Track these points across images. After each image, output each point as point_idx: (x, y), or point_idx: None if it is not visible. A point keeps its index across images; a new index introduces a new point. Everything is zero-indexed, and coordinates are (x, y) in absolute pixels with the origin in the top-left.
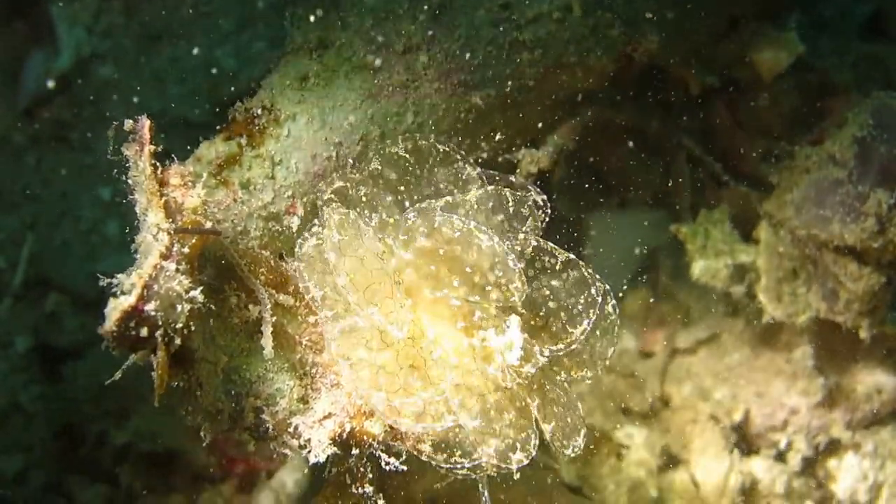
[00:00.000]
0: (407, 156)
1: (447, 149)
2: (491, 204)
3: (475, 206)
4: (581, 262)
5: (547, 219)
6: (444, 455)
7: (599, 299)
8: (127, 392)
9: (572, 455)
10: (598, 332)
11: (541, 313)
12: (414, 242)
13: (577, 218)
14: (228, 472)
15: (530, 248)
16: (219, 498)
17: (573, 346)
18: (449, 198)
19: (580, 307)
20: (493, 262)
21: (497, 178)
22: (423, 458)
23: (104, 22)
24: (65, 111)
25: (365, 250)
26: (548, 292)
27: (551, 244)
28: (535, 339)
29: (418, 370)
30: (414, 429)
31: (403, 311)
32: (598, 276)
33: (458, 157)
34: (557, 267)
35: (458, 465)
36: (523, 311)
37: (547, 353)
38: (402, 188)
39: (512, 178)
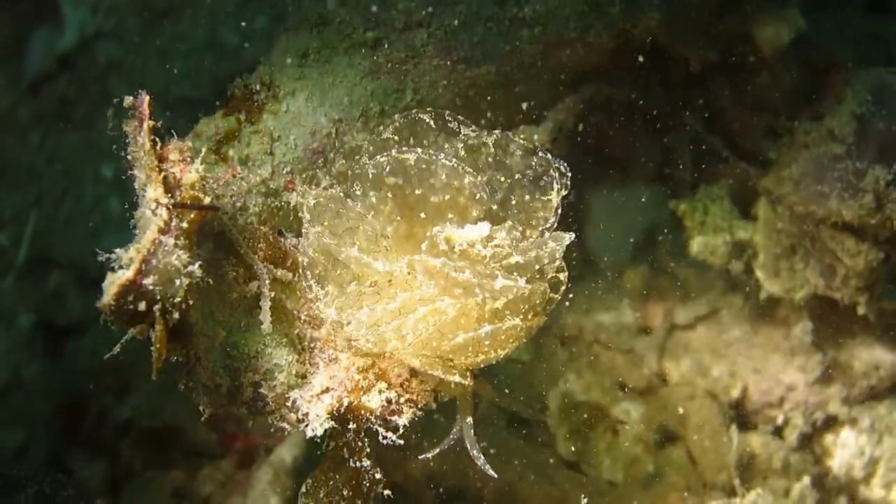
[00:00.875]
0: (397, 137)
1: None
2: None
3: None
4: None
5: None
6: None
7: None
8: (128, 369)
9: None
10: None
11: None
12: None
13: (577, 194)
14: (228, 448)
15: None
16: (218, 473)
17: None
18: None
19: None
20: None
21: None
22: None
23: (108, 0)
24: (69, 89)
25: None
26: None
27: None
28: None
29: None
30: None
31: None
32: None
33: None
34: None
35: None
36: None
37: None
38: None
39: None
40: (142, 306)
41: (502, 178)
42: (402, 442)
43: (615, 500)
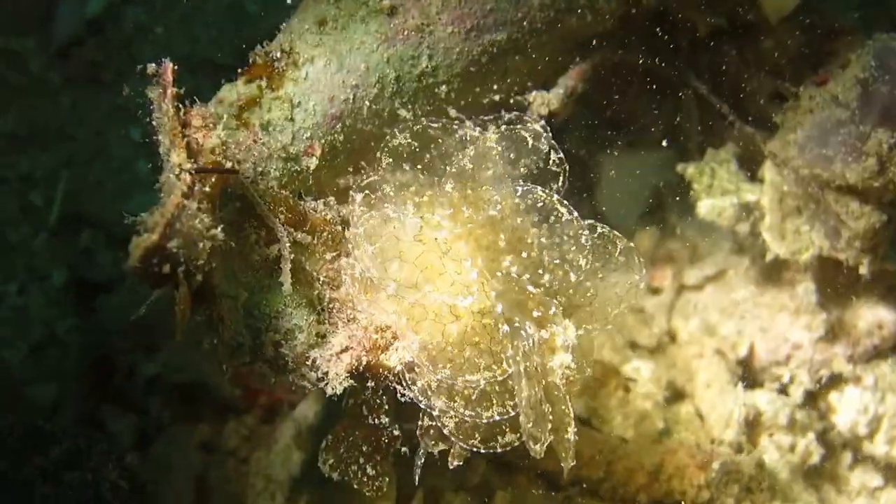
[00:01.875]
0: (412, 141)
1: (443, 122)
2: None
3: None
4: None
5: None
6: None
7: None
8: (156, 326)
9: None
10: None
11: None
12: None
13: (587, 158)
14: (252, 404)
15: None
16: (243, 428)
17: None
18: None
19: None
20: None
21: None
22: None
23: None
24: (97, 53)
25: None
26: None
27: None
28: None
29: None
30: (467, 414)
31: (465, 275)
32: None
33: (456, 124)
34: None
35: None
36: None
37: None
38: (422, 170)
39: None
40: (166, 268)
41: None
42: (420, 399)
43: (626, 455)
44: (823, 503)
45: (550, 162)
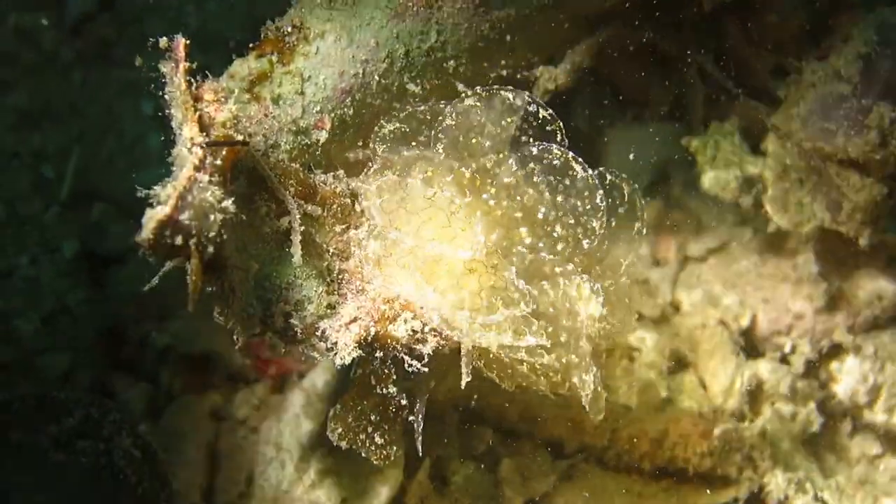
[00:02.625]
0: (401, 126)
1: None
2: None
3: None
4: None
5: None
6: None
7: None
8: (167, 297)
9: None
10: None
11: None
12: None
13: (593, 132)
14: (262, 373)
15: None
16: (253, 397)
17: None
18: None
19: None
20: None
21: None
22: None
23: None
24: (109, 29)
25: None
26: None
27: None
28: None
29: (497, 291)
30: (495, 342)
31: (471, 234)
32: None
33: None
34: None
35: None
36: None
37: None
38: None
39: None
40: (178, 241)
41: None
42: (426, 370)
43: (630, 423)
44: (824, 471)
45: (541, 119)
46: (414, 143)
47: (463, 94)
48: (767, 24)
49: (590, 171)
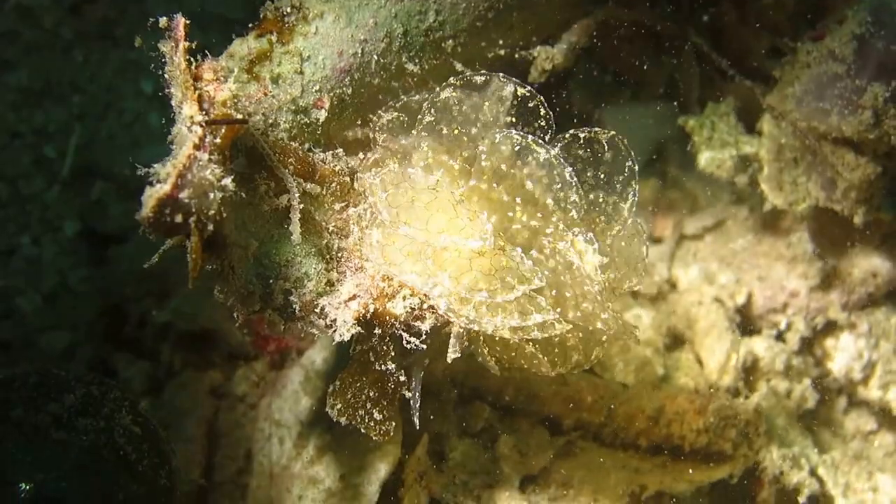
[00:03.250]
0: (399, 115)
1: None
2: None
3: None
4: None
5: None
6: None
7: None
8: (167, 275)
9: None
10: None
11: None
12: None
13: (590, 112)
14: (261, 350)
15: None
16: (252, 374)
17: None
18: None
19: (620, 186)
20: (552, 178)
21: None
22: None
23: None
24: (110, 8)
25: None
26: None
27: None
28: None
29: (510, 271)
30: (504, 326)
31: (479, 223)
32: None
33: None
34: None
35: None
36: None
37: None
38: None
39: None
40: (178, 218)
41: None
42: (424, 347)
43: (627, 400)
44: (819, 447)
45: (521, 97)
46: (414, 133)
47: (436, 87)
48: (763, 5)
49: (552, 151)
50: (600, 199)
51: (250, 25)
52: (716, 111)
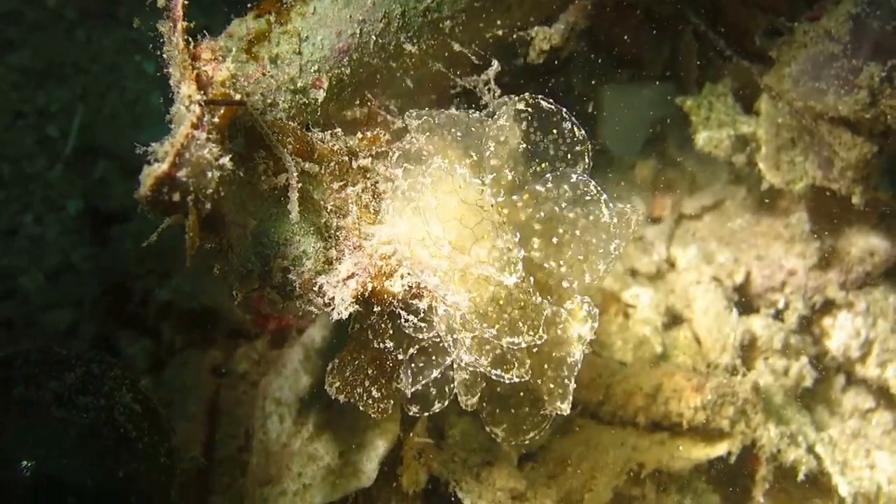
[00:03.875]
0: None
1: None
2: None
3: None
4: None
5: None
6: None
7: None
8: (169, 254)
9: None
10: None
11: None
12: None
13: (589, 92)
14: (262, 329)
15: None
16: (253, 352)
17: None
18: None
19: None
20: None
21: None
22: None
23: None
24: None
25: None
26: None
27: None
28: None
29: (525, 311)
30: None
31: (513, 252)
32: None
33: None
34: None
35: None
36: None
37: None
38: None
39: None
40: (176, 197)
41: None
42: (423, 325)
43: (625, 378)
44: (816, 425)
45: (574, 138)
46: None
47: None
48: None
49: (614, 215)
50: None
51: (249, 6)
52: (713, 91)
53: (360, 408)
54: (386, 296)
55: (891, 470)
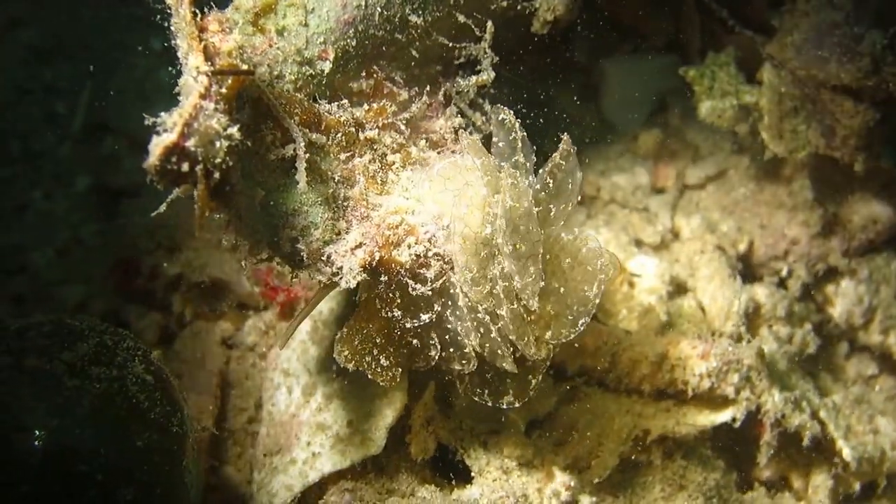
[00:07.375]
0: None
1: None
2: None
3: None
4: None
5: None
6: None
7: None
8: (178, 227)
9: None
10: None
11: None
12: None
13: (593, 64)
14: (270, 301)
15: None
16: (262, 323)
17: None
18: None
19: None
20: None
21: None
22: None
23: None
24: None
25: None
26: None
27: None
28: None
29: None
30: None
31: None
32: None
33: None
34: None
35: None
36: None
37: None
38: None
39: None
40: (185, 167)
41: None
42: (430, 293)
43: (630, 346)
44: (820, 391)
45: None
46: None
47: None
48: None
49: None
50: None
51: None
52: (716, 61)
53: (369, 376)
54: (394, 265)
55: (894, 435)
